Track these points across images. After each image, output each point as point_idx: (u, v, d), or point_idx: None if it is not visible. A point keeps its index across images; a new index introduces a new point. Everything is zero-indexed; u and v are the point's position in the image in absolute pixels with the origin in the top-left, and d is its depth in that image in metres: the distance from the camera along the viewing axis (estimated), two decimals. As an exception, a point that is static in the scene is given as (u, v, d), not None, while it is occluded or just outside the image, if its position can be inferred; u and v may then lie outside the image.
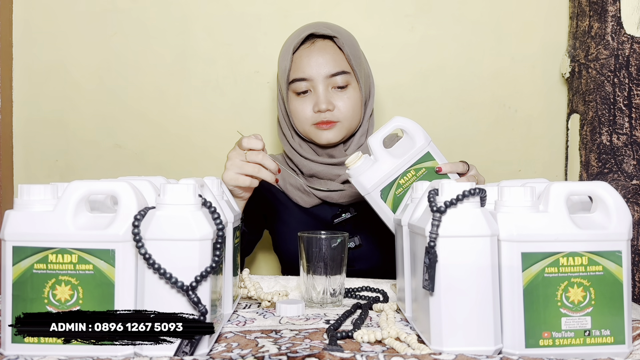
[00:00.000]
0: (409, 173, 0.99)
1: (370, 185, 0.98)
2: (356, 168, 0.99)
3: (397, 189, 0.98)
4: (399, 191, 0.98)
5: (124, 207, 0.66)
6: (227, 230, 0.81)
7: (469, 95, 1.69)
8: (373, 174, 0.98)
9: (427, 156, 1.00)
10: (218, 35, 1.70)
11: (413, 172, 0.99)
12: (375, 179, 0.98)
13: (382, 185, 0.98)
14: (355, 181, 0.99)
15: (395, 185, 0.98)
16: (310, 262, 0.96)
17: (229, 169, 1.03)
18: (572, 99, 1.58)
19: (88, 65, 1.71)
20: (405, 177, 0.99)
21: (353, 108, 1.25)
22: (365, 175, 0.98)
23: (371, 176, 0.98)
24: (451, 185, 0.67)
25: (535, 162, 1.70)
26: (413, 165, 0.99)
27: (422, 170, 0.99)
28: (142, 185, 0.73)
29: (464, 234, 0.65)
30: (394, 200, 0.98)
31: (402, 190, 0.98)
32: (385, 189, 0.98)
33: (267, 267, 1.72)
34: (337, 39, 1.24)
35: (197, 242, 0.64)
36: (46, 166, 1.74)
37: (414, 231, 0.75)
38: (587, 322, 0.66)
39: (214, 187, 0.84)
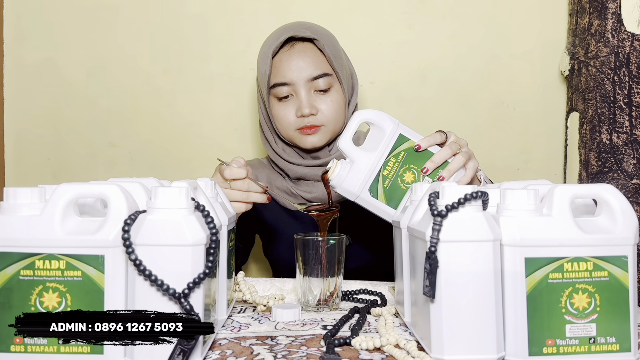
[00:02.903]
0: (389, 162, 0.96)
1: (356, 188, 0.95)
2: (336, 176, 0.96)
3: (384, 181, 0.96)
4: (387, 183, 0.96)
5: (114, 211, 0.64)
6: (222, 234, 0.79)
7: (467, 93, 1.67)
8: (354, 176, 0.95)
9: (400, 139, 0.96)
10: (213, 31, 1.67)
11: (393, 160, 0.96)
12: (358, 180, 0.95)
13: (367, 183, 0.95)
14: (340, 190, 0.96)
15: (381, 178, 0.96)
16: (306, 264, 0.94)
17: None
18: (572, 97, 1.56)
19: (80, 62, 1.69)
20: (388, 167, 0.96)
21: (337, 110, 1.23)
22: (347, 180, 0.95)
23: (353, 179, 0.95)
24: (452, 188, 0.65)
25: (534, 160, 1.68)
26: (391, 152, 0.96)
27: (402, 155, 0.96)
28: (133, 188, 0.70)
29: (465, 238, 0.63)
30: (385, 194, 0.96)
31: (389, 181, 0.95)
32: (372, 186, 0.96)
33: (258, 271, 1.70)
34: (317, 41, 1.22)
35: (189, 248, 0.62)
36: (38, 165, 1.71)
37: (413, 235, 0.73)
38: (592, 329, 0.64)
39: (207, 189, 0.82)
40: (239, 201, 1.04)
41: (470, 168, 0.97)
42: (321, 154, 1.27)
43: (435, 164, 0.96)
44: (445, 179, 0.95)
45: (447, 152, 0.96)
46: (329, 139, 1.25)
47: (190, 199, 0.65)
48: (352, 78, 1.31)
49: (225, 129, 1.69)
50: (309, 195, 1.26)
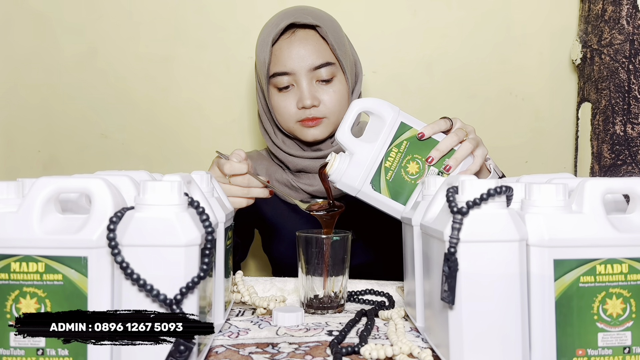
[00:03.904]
0: (391, 152, 0.89)
1: (356, 182, 0.89)
2: (335, 171, 0.90)
3: (387, 173, 0.89)
4: (390, 175, 0.89)
5: (99, 207, 0.58)
6: (218, 232, 0.73)
7: (474, 84, 1.61)
8: (354, 169, 0.88)
9: (402, 127, 0.90)
10: (210, 18, 1.61)
11: (395, 150, 0.89)
12: (358, 173, 0.88)
13: (368, 177, 0.89)
14: (340, 185, 0.90)
15: (383, 170, 0.89)
16: (309, 263, 0.88)
17: None
18: (583, 86, 1.50)
19: (72, 50, 1.62)
20: (390, 158, 0.89)
21: (339, 102, 1.17)
22: (347, 174, 0.89)
23: (353, 172, 0.88)
24: (473, 183, 0.59)
25: (543, 153, 1.63)
26: (392, 142, 0.89)
27: (404, 144, 0.89)
28: (120, 182, 0.64)
29: (489, 238, 0.57)
30: (388, 187, 0.89)
31: (392, 173, 0.89)
32: (374, 179, 0.89)
33: (256, 268, 1.65)
34: (319, 28, 1.15)
35: (182, 249, 0.56)
36: (28, 157, 1.66)
37: (428, 233, 0.67)
38: (627, 338, 0.58)
39: (202, 183, 0.75)
40: (239, 196, 0.98)
41: (479, 155, 0.91)
42: (323, 146, 1.21)
43: (441, 153, 0.89)
44: (452, 168, 0.88)
45: (453, 139, 0.89)
46: (331, 132, 1.19)
47: (184, 194, 0.58)
48: (356, 66, 1.24)
49: (223, 120, 1.63)
50: (310, 188, 1.20)
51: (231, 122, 1.63)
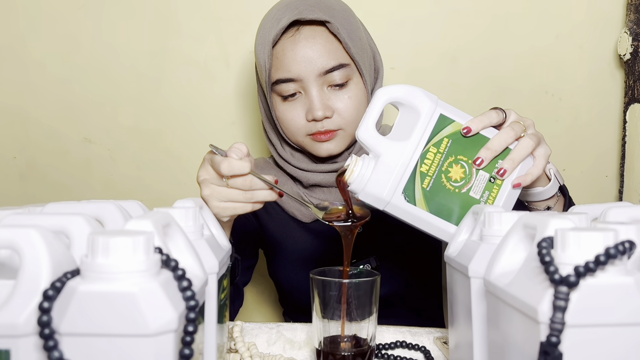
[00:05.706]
0: (428, 154, 0.71)
1: (384, 192, 0.70)
2: (356, 178, 0.71)
3: (423, 180, 0.70)
4: (427, 182, 0.71)
5: (28, 274, 0.39)
6: (209, 290, 0.54)
7: (504, 81, 1.47)
8: (381, 175, 0.70)
9: (442, 121, 0.71)
10: (206, 8, 1.46)
11: (434, 150, 0.71)
12: (386, 180, 0.70)
13: (400, 185, 0.70)
14: (363, 196, 0.71)
15: (419, 176, 0.70)
16: (326, 307, 0.71)
17: (209, 198, 0.77)
18: (633, 85, 1.34)
19: (51, 43, 1.48)
20: (427, 161, 0.71)
21: (357, 109, 0.98)
22: (371, 182, 0.70)
23: (380, 179, 0.70)
24: (580, 236, 0.40)
25: (583, 159, 1.48)
26: (429, 140, 0.71)
27: (445, 142, 0.71)
28: (74, 225, 0.46)
29: (610, 321, 0.38)
30: (425, 197, 0.70)
31: (429, 179, 0.71)
32: (407, 187, 0.70)
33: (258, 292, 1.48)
34: (329, 23, 0.95)
35: (151, 339, 0.37)
36: (2, 165, 1.52)
37: (500, 297, 0.48)
38: None
39: (189, 221, 0.56)
40: (240, 202, 0.79)
41: (541, 156, 0.73)
42: (339, 158, 1.03)
43: (493, 152, 0.71)
44: (507, 172, 0.71)
45: (508, 134, 0.72)
46: (348, 144, 1.01)
47: (154, 251, 0.40)
48: (375, 60, 1.06)
49: (220, 122, 1.49)
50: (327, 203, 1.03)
51: (230, 124, 1.49)
